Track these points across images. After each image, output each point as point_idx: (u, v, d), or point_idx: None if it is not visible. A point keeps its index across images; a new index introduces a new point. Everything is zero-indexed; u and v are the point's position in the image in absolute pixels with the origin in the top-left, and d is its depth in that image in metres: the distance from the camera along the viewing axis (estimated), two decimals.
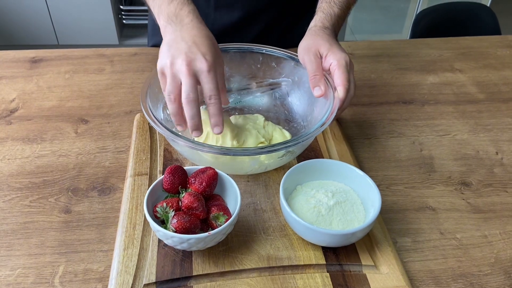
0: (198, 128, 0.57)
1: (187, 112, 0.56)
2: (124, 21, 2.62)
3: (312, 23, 0.73)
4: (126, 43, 2.63)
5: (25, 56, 0.98)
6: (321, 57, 0.67)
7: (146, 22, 1.09)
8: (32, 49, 1.01)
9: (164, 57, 0.59)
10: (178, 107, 0.57)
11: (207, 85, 0.57)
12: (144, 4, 0.71)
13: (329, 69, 0.66)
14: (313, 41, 0.68)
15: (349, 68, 0.65)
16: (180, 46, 0.58)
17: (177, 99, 0.57)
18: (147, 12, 1.04)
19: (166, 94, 0.57)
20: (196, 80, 0.57)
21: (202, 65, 0.57)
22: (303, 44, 0.69)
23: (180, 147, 0.62)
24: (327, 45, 0.66)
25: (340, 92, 0.63)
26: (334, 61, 0.65)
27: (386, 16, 3.04)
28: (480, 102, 0.88)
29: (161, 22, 0.64)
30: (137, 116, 0.77)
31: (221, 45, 0.74)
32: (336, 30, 0.73)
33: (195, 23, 0.61)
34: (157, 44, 1.03)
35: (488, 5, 2.46)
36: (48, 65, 0.95)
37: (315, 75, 0.66)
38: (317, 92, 0.65)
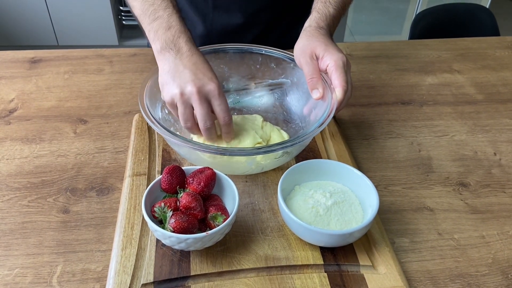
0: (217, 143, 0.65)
1: (206, 137, 0.62)
2: (123, 22, 2.62)
3: (307, 23, 0.72)
4: (126, 43, 2.63)
5: (24, 56, 0.98)
6: (317, 58, 0.67)
7: None
8: (32, 49, 1.02)
9: (171, 87, 0.59)
10: (197, 130, 0.62)
11: (220, 107, 0.59)
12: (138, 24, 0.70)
13: (326, 70, 0.66)
14: (309, 42, 0.68)
15: (346, 68, 0.65)
16: (185, 75, 0.59)
17: (195, 125, 0.61)
18: None
19: (183, 123, 0.61)
20: (208, 105, 0.59)
21: (212, 89, 0.58)
22: (299, 45, 0.69)
23: (178, 146, 0.63)
24: (322, 45, 0.66)
25: (339, 93, 0.63)
26: (331, 61, 0.64)
27: (385, 17, 3.05)
28: (478, 103, 0.88)
29: (156, 46, 0.63)
30: (136, 117, 0.77)
31: (221, 45, 0.75)
32: (331, 30, 0.73)
33: (193, 51, 0.62)
34: None
35: (487, 6, 2.47)
36: (47, 66, 0.95)
37: (312, 77, 0.66)
38: (315, 94, 0.65)
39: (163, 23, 0.63)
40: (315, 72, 0.66)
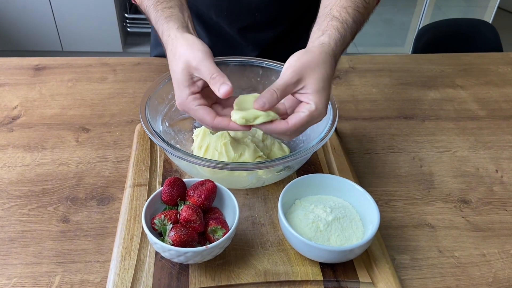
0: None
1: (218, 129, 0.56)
2: (128, 29, 2.64)
3: (323, 38, 0.56)
4: (130, 50, 2.65)
5: (28, 63, 0.98)
6: (299, 85, 0.53)
7: (149, 30, 1.09)
8: (37, 54, 1.02)
9: None
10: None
11: (196, 118, 0.56)
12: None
13: (293, 107, 0.55)
14: (310, 65, 0.53)
15: (313, 122, 0.53)
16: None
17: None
18: None
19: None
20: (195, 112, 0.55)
21: (179, 103, 0.56)
22: (302, 59, 0.53)
23: (178, 160, 0.63)
24: (318, 84, 0.52)
25: (283, 124, 0.52)
26: (306, 111, 0.52)
27: (389, 29, 3.06)
28: (480, 119, 0.88)
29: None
30: (138, 126, 0.77)
31: (221, 58, 0.75)
32: (340, 51, 0.58)
33: (170, 56, 0.57)
34: (159, 55, 1.03)
35: (490, 21, 2.48)
36: (51, 73, 0.96)
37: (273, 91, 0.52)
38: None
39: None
40: (280, 90, 0.52)
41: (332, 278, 0.54)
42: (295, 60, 0.53)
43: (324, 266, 0.55)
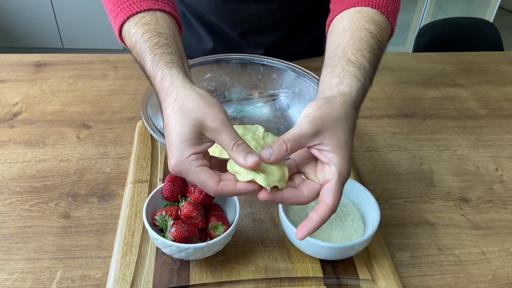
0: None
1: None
2: None
3: (343, 87, 0.50)
4: None
5: (30, 60, 0.98)
6: (316, 138, 0.45)
7: None
8: (37, 51, 1.02)
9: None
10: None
11: (197, 183, 0.46)
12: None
13: (319, 166, 0.47)
14: (330, 116, 0.46)
15: (343, 185, 0.46)
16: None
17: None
18: None
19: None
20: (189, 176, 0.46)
21: (173, 168, 0.46)
22: (322, 109, 0.46)
23: None
24: (339, 140, 0.46)
25: (324, 212, 0.44)
26: (335, 175, 0.44)
27: None
28: (481, 118, 0.88)
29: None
30: (139, 123, 0.77)
31: (223, 56, 0.75)
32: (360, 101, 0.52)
33: (174, 107, 0.47)
34: None
35: (491, 21, 2.47)
36: (53, 70, 0.96)
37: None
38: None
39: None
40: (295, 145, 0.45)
41: (332, 275, 0.54)
42: (314, 110, 0.46)
43: (324, 263, 0.55)
